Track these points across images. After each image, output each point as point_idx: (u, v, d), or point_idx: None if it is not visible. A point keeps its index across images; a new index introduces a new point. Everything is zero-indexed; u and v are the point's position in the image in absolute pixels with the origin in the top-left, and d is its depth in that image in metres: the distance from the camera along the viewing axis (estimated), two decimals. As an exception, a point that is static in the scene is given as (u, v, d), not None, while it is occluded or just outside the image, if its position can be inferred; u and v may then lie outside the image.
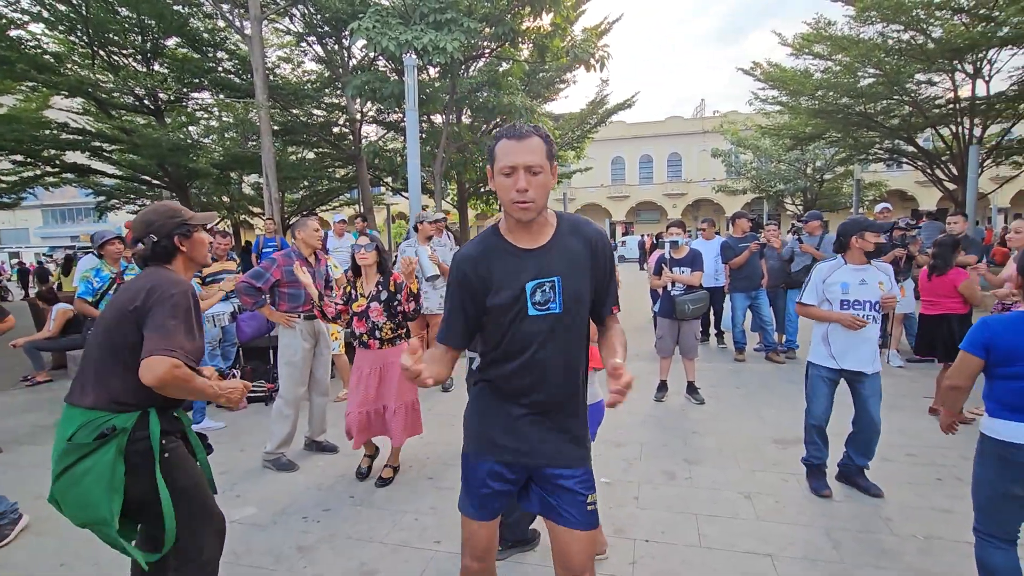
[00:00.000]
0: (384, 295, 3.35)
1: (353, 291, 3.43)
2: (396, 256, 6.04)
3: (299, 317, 3.78)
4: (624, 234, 35.60)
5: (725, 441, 3.98)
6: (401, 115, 9.66)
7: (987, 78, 12.01)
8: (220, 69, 11.71)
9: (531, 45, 9.48)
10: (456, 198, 14.98)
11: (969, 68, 11.86)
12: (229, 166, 12.83)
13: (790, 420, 4.26)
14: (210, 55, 11.48)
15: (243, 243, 13.27)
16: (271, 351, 5.44)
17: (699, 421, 4.43)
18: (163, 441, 1.74)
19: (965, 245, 5.87)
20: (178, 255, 1.90)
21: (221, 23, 11.03)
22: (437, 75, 10.58)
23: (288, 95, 11.81)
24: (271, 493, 3.39)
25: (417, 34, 7.59)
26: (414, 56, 7.55)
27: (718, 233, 7.15)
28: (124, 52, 10.95)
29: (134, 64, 11.13)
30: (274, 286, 3.75)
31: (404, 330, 3.48)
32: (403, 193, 14.72)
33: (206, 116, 13.80)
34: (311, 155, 15.24)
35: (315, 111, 13.35)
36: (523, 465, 1.59)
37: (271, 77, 11.47)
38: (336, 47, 11.76)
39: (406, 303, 3.33)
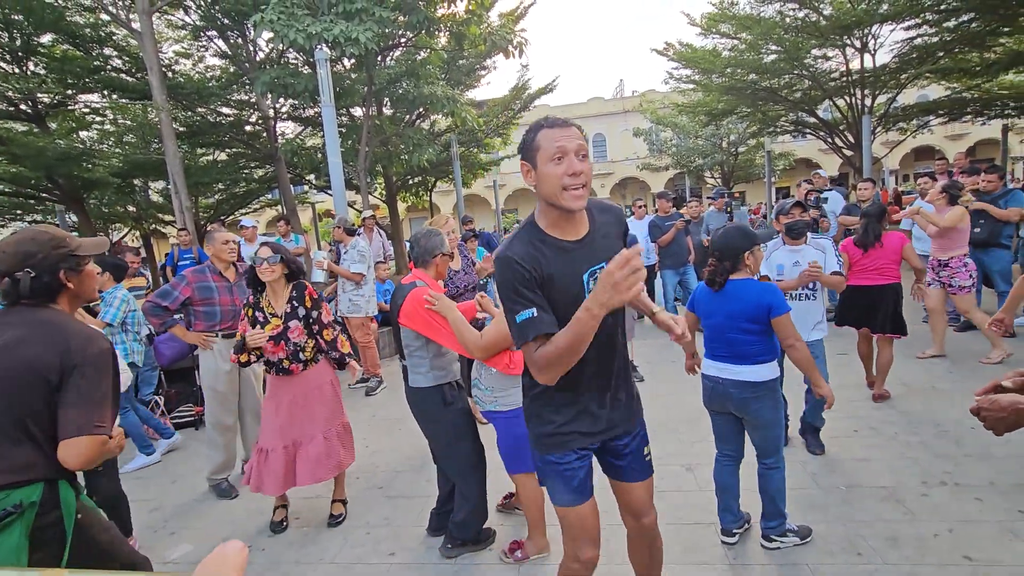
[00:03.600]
0: (302, 311, 2.94)
1: (259, 313, 2.93)
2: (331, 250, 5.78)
3: (216, 336, 3.51)
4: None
5: (665, 416, 4.15)
6: (318, 110, 9.23)
7: (873, 52, 13.02)
8: (109, 68, 10.66)
9: (448, 33, 9.29)
10: (384, 192, 14.57)
11: (857, 43, 12.80)
12: (131, 173, 11.77)
13: (723, 389, 4.49)
14: (95, 52, 10.43)
15: (160, 255, 12.33)
16: (196, 372, 5.11)
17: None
18: (78, 515, 1.53)
19: (850, 210, 6.36)
20: (63, 292, 1.62)
21: (105, 17, 10.04)
22: (352, 67, 10.16)
23: (191, 94, 10.94)
24: (208, 525, 3.20)
25: (327, 25, 7.23)
26: (326, 48, 7.20)
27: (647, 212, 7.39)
28: (-10, 52, 9.75)
29: (2, 65, 9.95)
30: (187, 304, 3.47)
31: (327, 344, 3.05)
32: (327, 191, 14.16)
33: (99, 120, 12.58)
34: (224, 156, 14.29)
35: (223, 109, 12.49)
36: (601, 440, 1.72)
37: (169, 75, 10.59)
38: (240, 41, 11.02)
39: (328, 329, 2.98)
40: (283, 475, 2.90)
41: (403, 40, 9.68)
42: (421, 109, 11.10)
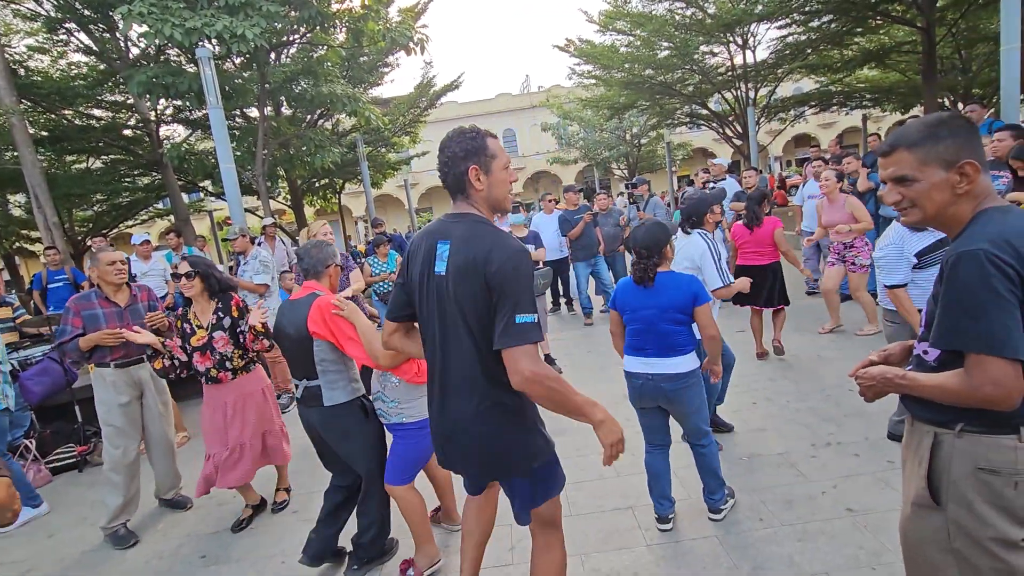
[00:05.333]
0: (227, 321, 3.00)
1: (187, 324, 2.99)
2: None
3: (109, 367, 3.17)
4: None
5: (584, 406, 4.25)
6: (207, 112, 8.54)
7: (753, 49, 14.14)
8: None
9: (345, 29, 8.92)
10: (290, 196, 13.82)
11: (739, 40, 13.85)
12: (-20, 186, 10.36)
13: (636, 374, 4.68)
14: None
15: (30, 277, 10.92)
16: (75, 406, 4.58)
17: (559, 391, 4.67)
18: None
19: (739, 196, 6.88)
20: None
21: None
22: (242, 65, 9.50)
23: (51, 94, 9.72)
24: (98, 581, 2.87)
25: (208, 20, 6.68)
26: (209, 45, 6.67)
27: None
28: None
29: None
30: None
31: (255, 353, 3.13)
32: (224, 197, 13.23)
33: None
34: (99, 164, 12.85)
35: (94, 111, 11.23)
36: None
37: (21, 72, 9.36)
38: (108, 35, 9.93)
39: (251, 344, 2.98)
40: (237, 469, 3.02)
41: (296, 37, 9.18)
42: (322, 109, 10.60)
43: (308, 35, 9.05)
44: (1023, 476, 1.21)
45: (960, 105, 13.27)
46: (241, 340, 3.01)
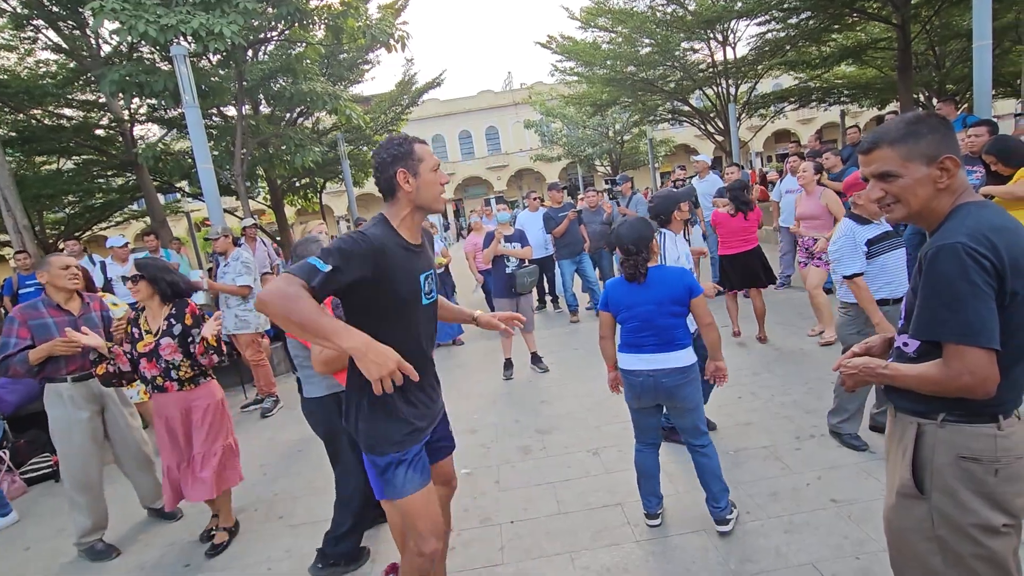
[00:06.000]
0: (178, 328, 2.80)
1: (136, 329, 2.81)
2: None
3: (66, 381, 2.97)
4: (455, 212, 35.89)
5: (572, 404, 4.26)
6: (183, 111, 8.35)
7: (733, 45, 14.27)
8: None
9: (324, 26, 8.79)
10: (269, 196, 13.59)
11: (720, 36, 13.95)
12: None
13: (622, 370, 4.70)
14: None
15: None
16: (51, 416, 4.45)
17: (546, 389, 4.67)
18: None
19: (722, 192, 6.94)
20: None
21: None
22: (219, 63, 9.30)
23: (18, 93, 9.43)
24: (77, 594, 2.80)
25: (183, 17, 6.53)
26: (184, 43, 6.53)
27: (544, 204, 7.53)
28: None
29: None
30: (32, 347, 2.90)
31: (208, 367, 2.92)
32: (202, 198, 13.00)
33: None
34: (71, 165, 12.50)
35: (65, 111, 10.92)
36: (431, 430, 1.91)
37: (-12, 71, 9.08)
38: (78, 32, 9.65)
39: (201, 357, 2.76)
40: (199, 482, 2.87)
41: (274, 34, 9.02)
42: (301, 107, 10.45)
43: (286, 32, 8.89)
44: (1003, 463, 1.25)
45: (934, 100, 13.55)
46: (192, 350, 2.80)
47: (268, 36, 9.05)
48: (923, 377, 1.28)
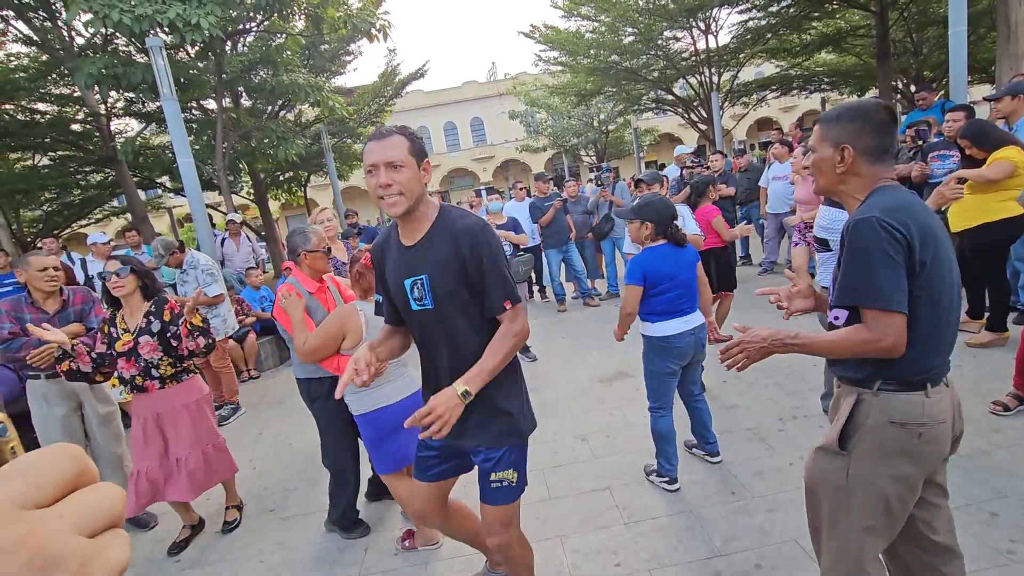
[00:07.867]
0: (157, 326, 2.75)
1: (114, 329, 2.76)
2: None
3: (40, 378, 3.01)
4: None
5: (560, 391, 4.30)
6: (161, 105, 8.19)
7: (715, 33, 14.31)
8: None
9: (304, 16, 8.66)
10: (253, 191, 13.41)
11: (702, 25, 13.98)
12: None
13: (609, 358, 4.75)
14: None
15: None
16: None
17: (535, 377, 4.71)
18: None
19: (725, 179, 7.01)
20: None
21: None
22: (197, 55, 9.13)
23: (-11, 88, 9.20)
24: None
25: (159, 7, 6.40)
26: (160, 35, 6.40)
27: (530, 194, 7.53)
28: None
29: None
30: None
31: (191, 363, 2.92)
32: (183, 193, 12.78)
33: None
34: (47, 161, 12.22)
35: (39, 105, 10.66)
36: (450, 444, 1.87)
37: (-44, 66, 8.83)
38: (50, 23, 9.40)
39: (186, 340, 2.70)
40: (150, 493, 2.81)
41: (253, 25, 8.88)
42: (283, 99, 10.31)
43: (265, 23, 8.76)
44: (927, 427, 1.36)
45: (912, 87, 13.72)
46: (174, 345, 2.75)
47: (247, 27, 8.90)
48: (840, 342, 1.37)
